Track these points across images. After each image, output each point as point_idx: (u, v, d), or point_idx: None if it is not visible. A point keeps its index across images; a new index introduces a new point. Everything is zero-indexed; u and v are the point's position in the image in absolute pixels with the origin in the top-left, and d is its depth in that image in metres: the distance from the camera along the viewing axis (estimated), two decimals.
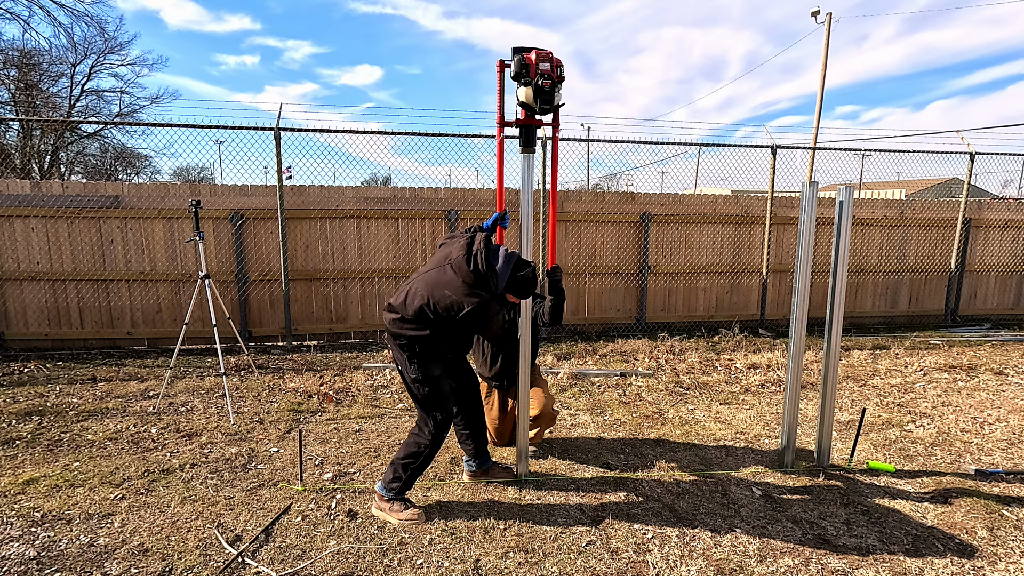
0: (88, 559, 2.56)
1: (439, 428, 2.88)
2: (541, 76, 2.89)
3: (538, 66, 2.89)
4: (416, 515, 2.86)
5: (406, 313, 2.77)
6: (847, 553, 2.66)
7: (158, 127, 6.41)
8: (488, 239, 2.78)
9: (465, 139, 6.84)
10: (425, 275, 2.80)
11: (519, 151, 3.16)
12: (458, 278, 2.67)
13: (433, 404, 2.87)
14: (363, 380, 5.29)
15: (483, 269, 2.67)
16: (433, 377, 2.84)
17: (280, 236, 6.45)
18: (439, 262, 2.80)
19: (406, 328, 2.78)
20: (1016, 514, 3.02)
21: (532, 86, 2.91)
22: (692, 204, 7.63)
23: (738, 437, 4.08)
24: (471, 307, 2.61)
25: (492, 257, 2.73)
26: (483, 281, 2.67)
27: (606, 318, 7.57)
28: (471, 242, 2.75)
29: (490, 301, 2.66)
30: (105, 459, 3.59)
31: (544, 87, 2.91)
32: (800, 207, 3.31)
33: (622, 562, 2.57)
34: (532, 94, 2.93)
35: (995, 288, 8.73)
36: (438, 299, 2.67)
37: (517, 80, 2.97)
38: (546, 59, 2.91)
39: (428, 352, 2.81)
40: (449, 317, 2.68)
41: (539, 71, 2.89)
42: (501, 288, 2.73)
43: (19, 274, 6.15)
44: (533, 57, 2.90)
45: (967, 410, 4.67)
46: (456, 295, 2.64)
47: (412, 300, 2.75)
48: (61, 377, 5.38)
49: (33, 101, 17.70)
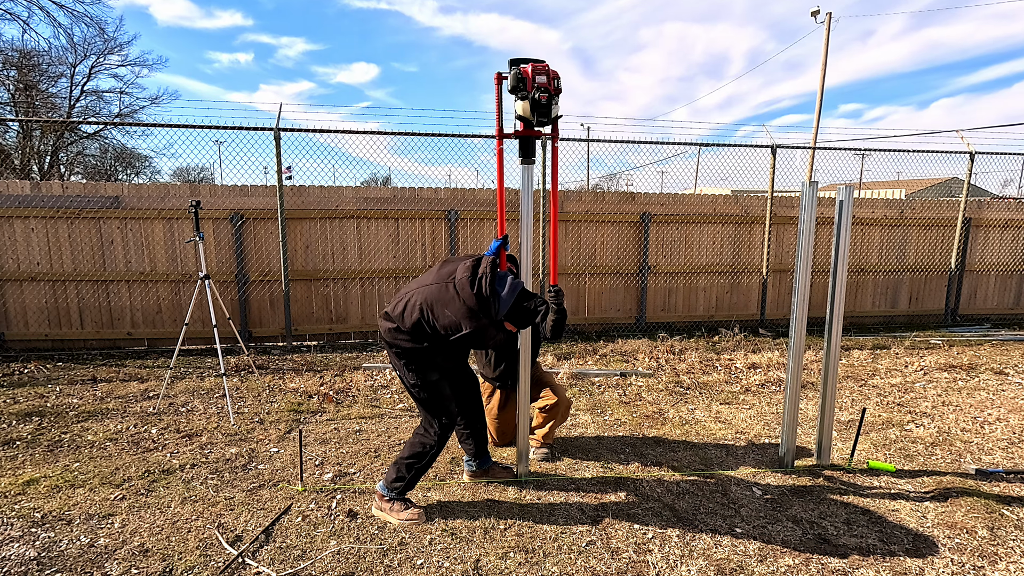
0: (88, 559, 2.56)
1: (444, 429, 2.89)
2: (538, 89, 2.88)
3: (535, 79, 2.89)
4: (417, 515, 2.86)
5: (403, 325, 2.76)
6: (847, 553, 2.66)
7: (158, 127, 6.41)
8: (494, 264, 2.72)
9: (465, 139, 6.85)
10: (426, 288, 2.76)
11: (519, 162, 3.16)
12: (459, 299, 2.64)
13: (435, 407, 2.87)
14: (363, 380, 5.29)
15: (486, 293, 2.63)
16: (431, 382, 2.84)
17: (280, 236, 6.46)
18: (442, 278, 2.75)
19: (400, 339, 2.79)
20: (1016, 514, 3.02)
21: (529, 99, 2.91)
22: (692, 204, 7.63)
23: (738, 437, 4.08)
24: (469, 330, 2.60)
25: (498, 283, 2.68)
26: (485, 305, 2.64)
27: (606, 318, 7.57)
28: (477, 264, 2.71)
29: (488, 326, 2.64)
30: (105, 460, 3.59)
31: (541, 100, 2.89)
32: (800, 207, 3.31)
33: (622, 562, 2.57)
34: (529, 107, 2.93)
35: (995, 288, 8.73)
36: (437, 316, 2.67)
37: (514, 93, 2.97)
38: (543, 72, 2.90)
39: (424, 361, 2.81)
40: (446, 335, 2.68)
41: (536, 84, 2.89)
42: (502, 315, 2.67)
43: (19, 275, 6.15)
44: (530, 70, 2.90)
45: (967, 410, 4.67)
46: (456, 316, 2.62)
47: (411, 313, 2.73)
48: (61, 378, 5.38)
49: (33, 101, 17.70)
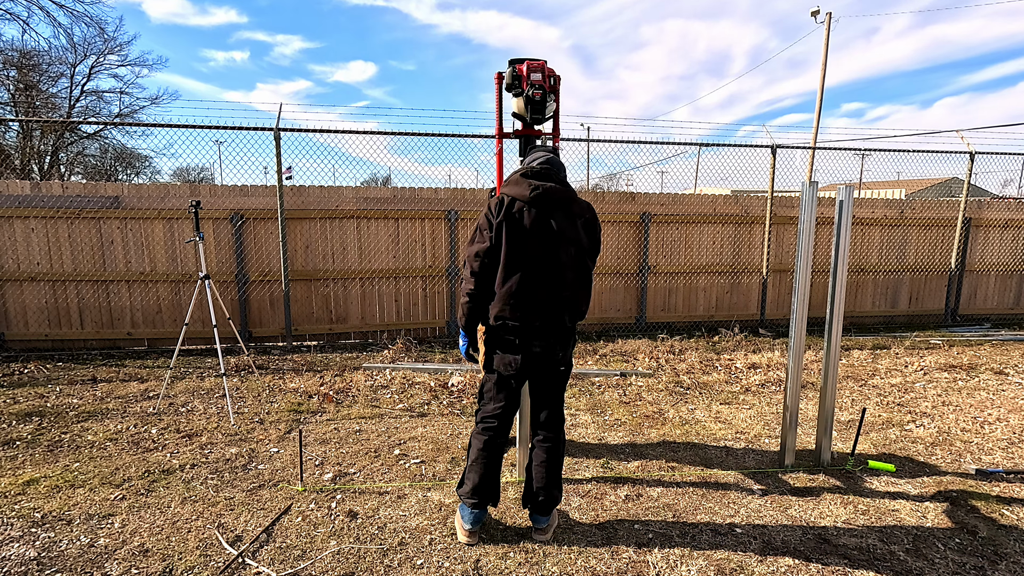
0: (88, 560, 2.56)
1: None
2: (532, 87, 2.91)
3: (529, 77, 2.91)
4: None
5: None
6: (847, 553, 2.66)
7: (158, 127, 6.42)
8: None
9: (465, 139, 6.85)
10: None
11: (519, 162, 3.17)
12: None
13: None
14: (363, 380, 5.29)
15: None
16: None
17: (280, 236, 6.46)
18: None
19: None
20: (1016, 514, 3.02)
21: (524, 96, 2.93)
22: (692, 204, 7.63)
23: (738, 437, 4.08)
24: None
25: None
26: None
27: (606, 318, 7.57)
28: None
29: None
30: (105, 460, 3.59)
31: (535, 97, 2.92)
32: (800, 207, 3.31)
33: (622, 562, 2.57)
34: (523, 104, 2.95)
35: (995, 287, 8.73)
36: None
37: (509, 91, 3.01)
38: (537, 70, 2.93)
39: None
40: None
41: (531, 81, 2.91)
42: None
43: (19, 275, 6.15)
44: (524, 68, 2.93)
45: (967, 410, 4.67)
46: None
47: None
48: (61, 378, 5.38)
49: (33, 101, 17.70)
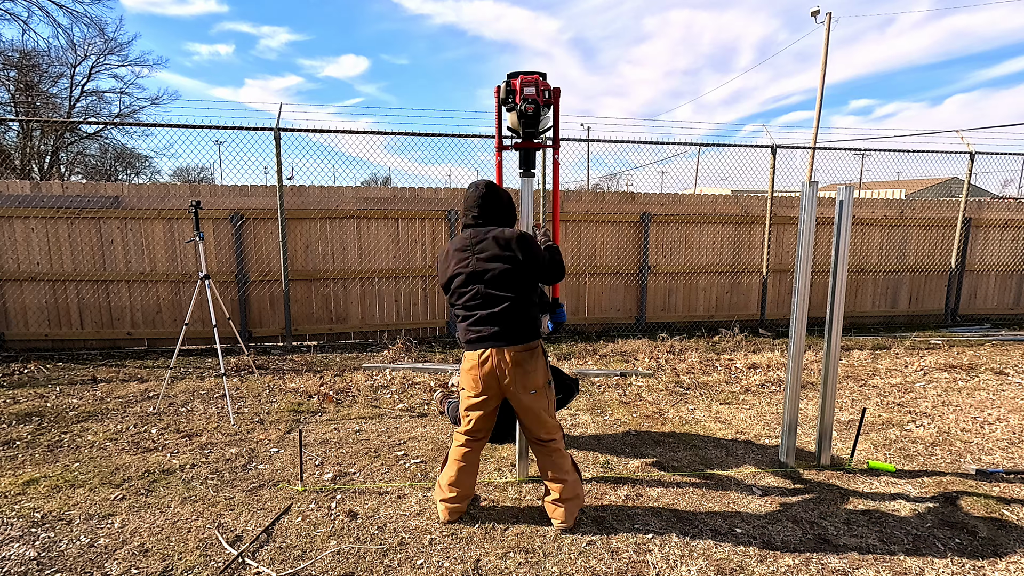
0: (88, 559, 2.56)
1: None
2: (525, 101, 2.90)
3: (522, 91, 2.91)
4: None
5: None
6: (847, 553, 2.66)
7: (158, 127, 6.42)
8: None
9: (464, 139, 6.85)
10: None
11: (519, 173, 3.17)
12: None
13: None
14: (363, 380, 5.29)
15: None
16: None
17: (280, 236, 6.46)
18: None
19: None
20: (1016, 514, 3.02)
21: (516, 111, 2.93)
22: (692, 204, 7.63)
23: (738, 437, 4.08)
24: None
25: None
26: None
27: (606, 318, 7.57)
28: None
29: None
30: (105, 460, 3.59)
31: (527, 112, 2.91)
32: (800, 207, 3.31)
33: (622, 562, 2.57)
34: (516, 119, 2.95)
35: (995, 288, 8.73)
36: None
37: (504, 105, 3.02)
38: (531, 84, 2.92)
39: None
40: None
41: (523, 96, 2.91)
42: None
43: (19, 275, 6.15)
44: (518, 83, 2.94)
45: (967, 410, 4.67)
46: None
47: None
48: (61, 378, 5.38)
49: (33, 102, 17.71)
